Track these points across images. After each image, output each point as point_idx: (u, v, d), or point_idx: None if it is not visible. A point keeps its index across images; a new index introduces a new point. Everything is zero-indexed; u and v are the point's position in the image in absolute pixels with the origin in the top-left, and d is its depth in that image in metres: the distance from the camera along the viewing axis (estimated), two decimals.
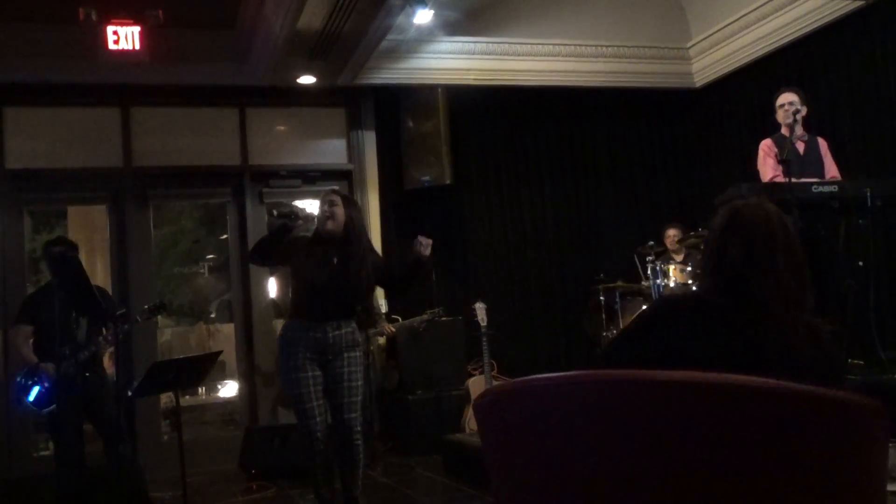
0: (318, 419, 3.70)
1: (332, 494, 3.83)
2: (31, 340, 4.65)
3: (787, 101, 4.88)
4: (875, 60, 5.65)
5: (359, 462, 3.77)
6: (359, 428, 3.75)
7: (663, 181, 7.36)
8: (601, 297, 6.18)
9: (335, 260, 3.67)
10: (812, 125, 5.14)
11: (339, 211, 3.68)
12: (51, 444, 5.53)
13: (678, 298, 1.95)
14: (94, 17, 5.15)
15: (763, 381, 1.24)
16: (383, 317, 6.07)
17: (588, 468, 1.32)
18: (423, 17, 5.28)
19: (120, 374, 4.89)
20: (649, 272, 5.49)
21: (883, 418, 1.29)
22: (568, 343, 6.97)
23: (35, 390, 4.49)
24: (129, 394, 5.01)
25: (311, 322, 3.69)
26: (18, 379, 4.62)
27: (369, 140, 6.70)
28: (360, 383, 3.78)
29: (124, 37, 5.24)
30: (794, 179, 4.47)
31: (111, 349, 4.78)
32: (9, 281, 5.85)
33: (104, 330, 4.62)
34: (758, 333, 1.55)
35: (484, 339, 5.35)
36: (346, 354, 3.72)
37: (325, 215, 3.68)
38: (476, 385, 5.65)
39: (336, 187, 4.98)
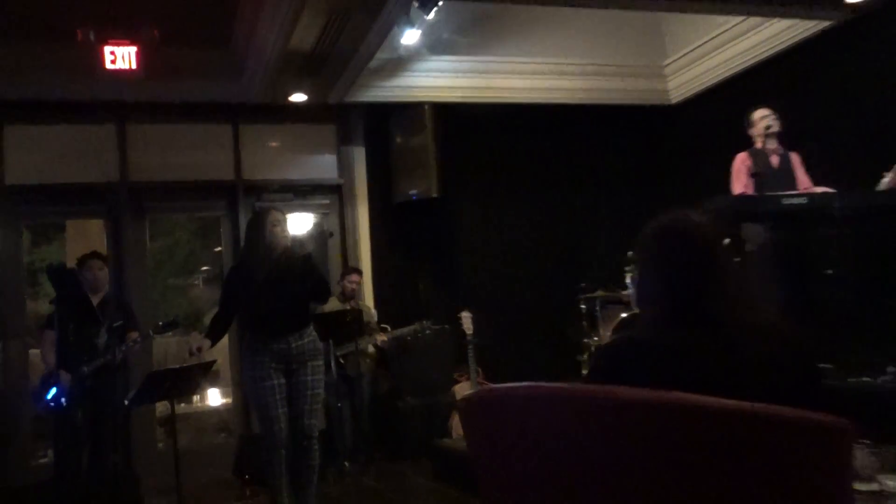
0: (282, 426, 3.84)
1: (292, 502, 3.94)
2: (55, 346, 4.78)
3: (761, 116, 5.10)
4: (846, 77, 5.77)
5: (315, 467, 3.92)
6: (316, 434, 3.92)
7: (644, 194, 7.52)
8: (583, 306, 6.35)
9: (279, 276, 3.85)
10: (785, 140, 5.35)
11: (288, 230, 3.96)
12: (50, 453, 5.62)
13: (618, 349, 1.61)
14: (92, 37, 5.26)
15: (716, 402, 1.28)
16: (377, 327, 6.21)
17: (558, 471, 1.40)
18: (412, 37, 5.42)
19: (119, 384, 5.03)
20: (627, 281, 5.68)
21: (851, 436, 1.32)
22: (554, 350, 7.10)
23: (52, 391, 4.61)
24: (126, 403, 5.12)
25: (274, 335, 3.86)
26: (38, 382, 4.82)
27: (359, 155, 6.87)
28: (321, 391, 3.96)
29: (121, 56, 5.36)
30: (767, 193, 4.68)
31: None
32: (7, 294, 5.94)
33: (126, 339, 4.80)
34: (718, 361, 1.45)
35: (469, 346, 5.50)
36: (310, 364, 3.91)
37: (280, 235, 3.91)
38: (462, 391, 5.79)
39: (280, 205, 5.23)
